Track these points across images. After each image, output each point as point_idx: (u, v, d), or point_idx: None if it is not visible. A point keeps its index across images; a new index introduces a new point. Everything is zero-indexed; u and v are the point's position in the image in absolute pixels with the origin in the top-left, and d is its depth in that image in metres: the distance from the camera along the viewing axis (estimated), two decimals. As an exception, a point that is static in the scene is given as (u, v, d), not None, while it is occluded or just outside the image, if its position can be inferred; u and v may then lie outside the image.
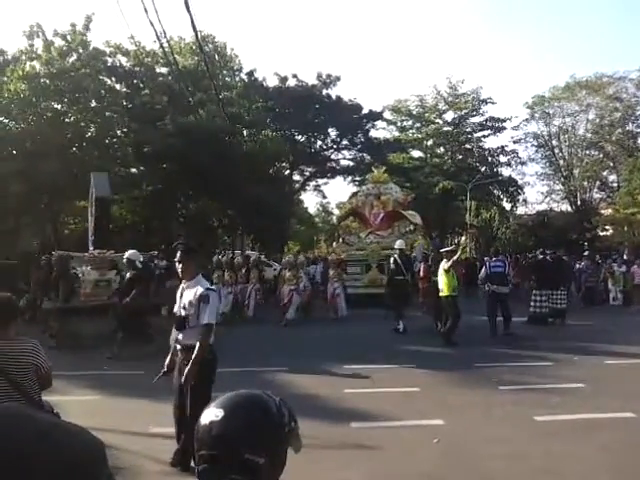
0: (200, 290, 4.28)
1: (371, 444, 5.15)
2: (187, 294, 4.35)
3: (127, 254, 10.16)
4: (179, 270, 4.46)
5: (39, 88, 18.71)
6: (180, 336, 4.41)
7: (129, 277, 9.90)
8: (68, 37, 20.26)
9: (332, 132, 36.65)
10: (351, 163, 38.50)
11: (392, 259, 12.61)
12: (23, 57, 19.54)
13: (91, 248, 13.12)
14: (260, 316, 14.01)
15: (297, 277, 13.96)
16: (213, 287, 4.68)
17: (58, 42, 20.28)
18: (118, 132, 20.98)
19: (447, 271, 10.45)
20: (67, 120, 19.58)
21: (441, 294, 10.60)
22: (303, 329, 12.70)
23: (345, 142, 37.45)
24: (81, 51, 20.39)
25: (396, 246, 12.94)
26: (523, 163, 42.41)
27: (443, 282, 10.52)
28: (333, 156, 39.07)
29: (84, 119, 19.96)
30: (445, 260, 10.62)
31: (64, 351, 9.22)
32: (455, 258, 10.58)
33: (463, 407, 6.34)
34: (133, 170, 22.90)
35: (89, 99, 19.23)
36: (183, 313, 4.37)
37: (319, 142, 37.68)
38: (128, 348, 9.17)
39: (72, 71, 19.27)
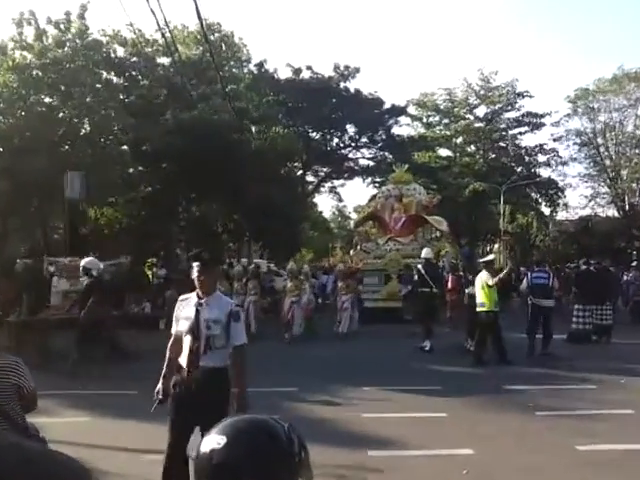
0: (229, 306, 4.15)
1: (391, 475, 5.11)
2: (208, 311, 4.09)
3: (83, 262, 10.28)
4: (197, 283, 4.17)
5: (30, 80, 19.00)
6: (204, 360, 4.09)
7: (84, 287, 10.09)
8: (62, 26, 20.58)
9: (350, 129, 36.79)
10: (371, 163, 38.56)
11: (417, 269, 12.59)
12: (11, 46, 19.87)
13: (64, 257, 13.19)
14: (262, 331, 13.88)
15: (300, 288, 13.94)
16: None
17: (51, 31, 20.63)
18: (115, 129, 21.18)
19: (490, 286, 10.46)
20: (59, 115, 19.84)
21: (480, 309, 10.61)
22: (312, 346, 12.71)
23: (364, 140, 37.54)
24: (78, 41, 20.70)
25: (422, 255, 13.05)
26: (564, 163, 42.08)
27: (484, 296, 10.55)
28: (351, 155, 39.17)
29: (78, 115, 20.22)
30: (486, 272, 10.68)
31: (49, 369, 9.31)
32: (502, 276, 10.85)
33: (494, 435, 6.28)
34: (130, 170, 23.11)
35: (85, 94, 19.45)
36: (205, 332, 4.08)
37: (335, 140, 37.82)
38: (99, 365, 9.20)
39: (67, 62, 19.54)
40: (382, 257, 18.07)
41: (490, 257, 12.36)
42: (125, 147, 21.94)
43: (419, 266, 12.71)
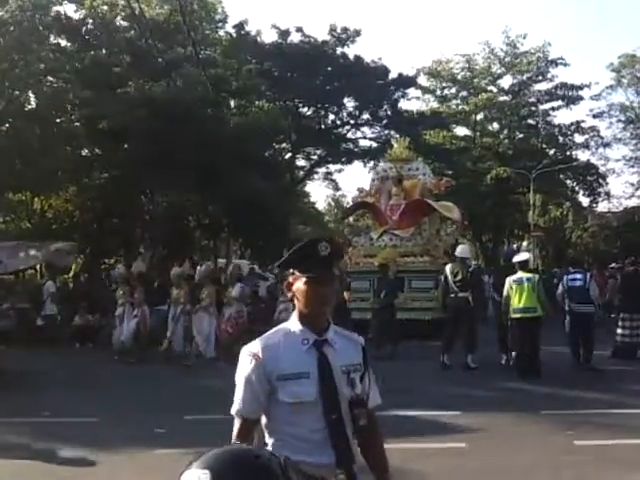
0: (359, 343, 2.83)
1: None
2: (342, 355, 2.67)
3: None
4: (308, 304, 2.65)
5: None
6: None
7: None
8: None
9: (349, 103, 36.68)
10: (374, 144, 38.49)
11: (447, 269, 12.60)
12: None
13: None
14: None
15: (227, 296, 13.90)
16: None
17: None
18: (66, 103, 21.12)
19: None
20: (1, 87, 19.76)
21: (514, 316, 11.04)
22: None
23: (366, 116, 37.47)
24: (20, -1, 20.63)
25: (457, 253, 13.09)
26: (606, 145, 42.25)
27: (535, 300, 11.03)
28: (350, 134, 39.10)
29: (23, 87, 20.16)
30: (521, 272, 11.16)
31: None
32: None
33: (525, 469, 6.29)
34: (84, 152, 23.05)
35: (31, 62, 19.37)
36: (348, 393, 2.67)
37: (331, 116, 37.74)
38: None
39: (11, 24, 19.45)
40: (374, 256, 17.36)
41: (524, 256, 12.54)
42: (78, 124, 21.87)
43: (447, 267, 12.77)
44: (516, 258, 12.17)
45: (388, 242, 18.10)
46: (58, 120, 21.33)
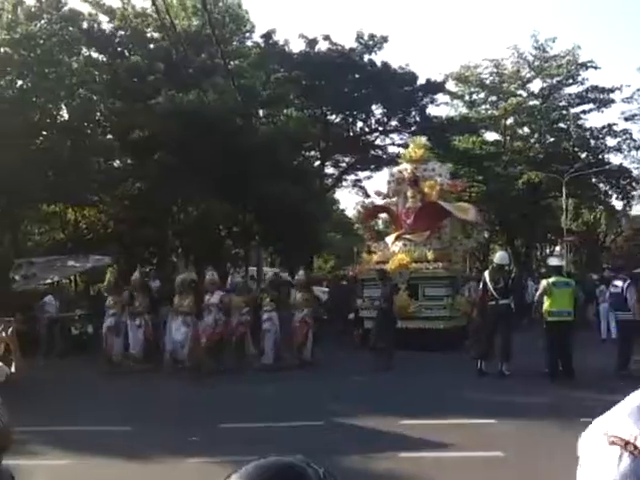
0: None
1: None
2: None
3: None
4: None
5: (-2, 59, 19.28)
6: None
7: None
8: None
9: (377, 110, 36.64)
10: (402, 150, 38.32)
11: (486, 275, 12.52)
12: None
13: None
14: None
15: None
16: None
17: (29, 1, 21.02)
18: (98, 115, 21.42)
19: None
20: (33, 100, 20.08)
21: (550, 319, 11.32)
22: (332, 375, 12.70)
23: (394, 122, 37.39)
24: (52, 12, 20.99)
25: (495, 260, 13.11)
26: (639, 147, 41.55)
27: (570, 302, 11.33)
28: (378, 141, 39.04)
29: (54, 99, 20.47)
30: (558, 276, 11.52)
31: (25, 399, 9.38)
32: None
33: (564, 479, 6.15)
34: (116, 163, 23.31)
35: (63, 74, 19.67)
36: None
37: (359, 123, 37.71)
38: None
39: (41, 38, 19.79)
40: (386, 261, 16.96)
41: (559, 261, 12.56)
42: (110, 136, 22.15)
43: (485, 273, 12.73)
44: (553, 263, 12.18)
45: (402, 247, 17.48)
46: (90, 132, 21.60)
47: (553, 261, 12.56)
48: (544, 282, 11.50)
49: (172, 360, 13.35)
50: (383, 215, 21.84)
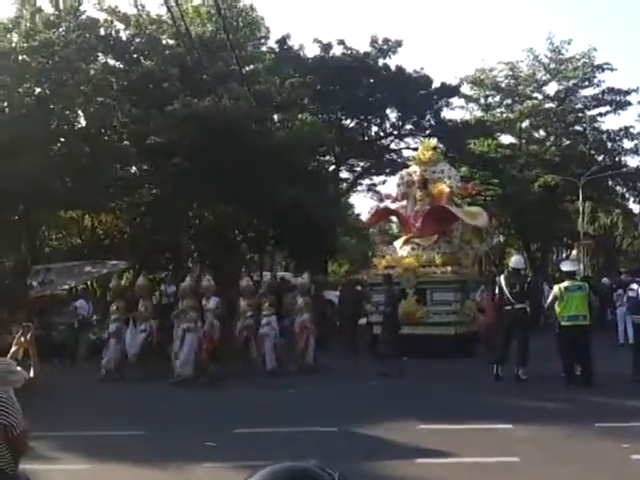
0: None
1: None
2: None
3: None
4: None
5: (16, 67, 19.48)
6: None
7: None
8: (60, 2, 21.15)
9: (392, 114, 36.62)
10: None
11: (501, 279, 12.50)
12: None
13: None
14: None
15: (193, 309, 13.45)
16: None
17: (47, 9, 21.29)
18: (114, 121, 21.58)
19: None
20: (51, 107, 20.27)
21: (564, 323, 11.27)
22: (346, 381, 12.66)
23: (409, 126, 37.34)
24: (70, 20, 21.22)
25: (511, 264, 13.08)
26: (657, 150, 41.20)
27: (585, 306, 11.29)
28: (393, 145, 39.00)
29: (72, 106, 20.66)
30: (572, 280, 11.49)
31: (42, 404, 9.47)
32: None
33: (581, 484, 6.12)
34: (133, 169, 23.44)
35: (81, 81, 19.84)
36: None
37: (374, 127, 37.70)
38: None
39: (59, 45, 19.99)
40: (395, 265, 16.80)
41: (574, 266, 12.55)
42: (127, 142, 22.30)
43: (501, 277, 12.70)
44: (565, 267, 12.14)
45: (410, 251, 17.23)
46: (107, 138, 21.76)
47: (566, 265, 12.50)
48: (556, 288, 11.48)
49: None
50: (394, 218, 21.69)
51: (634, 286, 11.90)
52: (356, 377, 12.84)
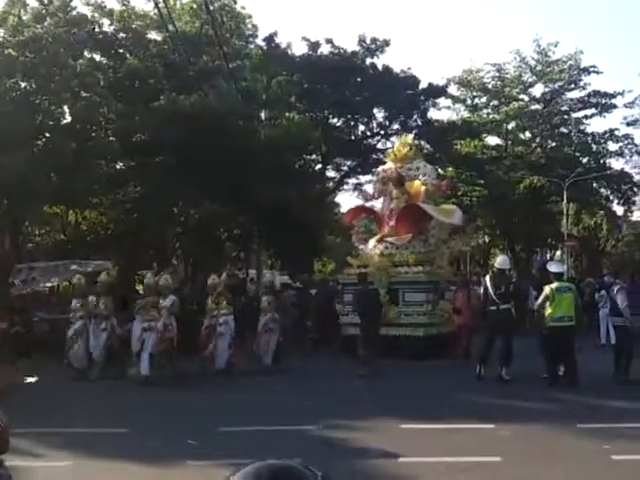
0: None
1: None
2: None
3: None
4: None
5: (2, 61, 19.32)
6: None
7: None
8: None
9: (379, 113, 36.67)
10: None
11: (487, 280, 12.55)
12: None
13: None
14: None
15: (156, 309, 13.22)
16: None
17: (32, 3, 21.11)
18: (100, 118, 21.46)
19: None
20: (37, 102, 20.11)
21: (552, 324, 11.37)
22: (319, 379, 12.74)
23: (396, 126, 37.41)
24: (60, 15, 21.07)
25: (496, 264, 13.12)
26: (641, 152, 41.55)
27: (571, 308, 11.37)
28: (380, 145, 39.01)
29: (58, 101, 20.52)
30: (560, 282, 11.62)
31: (22, 400, 9.44)
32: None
33: (561, 483, 6.18)
34: (118, 165, 23.32)
35: (68, 77, 19.71)
36: None
37: (361, 127, 37.75)
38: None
39: (47, 40, 19.84)
40: (367, 265, 16.39)
41: (561, 268, 12.66)
42: (112, 138, 22.19)
43: (486, 278, 12.75)
44: (554, 269, 12.17)
45: (383, 250, 16.81)
46: (93, 134, 21.64)
47: (553, 267, 12.54)
48: (547, 288, 11.47)
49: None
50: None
51: (615, 288, 12.01)
52: (331, 377, 12.84)
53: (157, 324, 12.70)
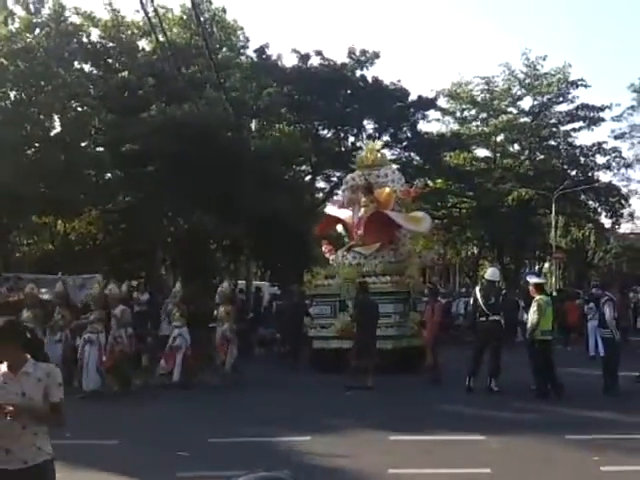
0: None
1: None
2: None
3: None
4: None
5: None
6: None
7: None
8: (32, 6, 20.97)
9: (368, 125, 36.80)
10: (394, 165, 38.56)
11: (476, 291, 12.55)
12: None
13: None
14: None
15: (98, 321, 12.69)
16: None
17: (19, 12, 21.08)
18: (90, 128, 21.45)
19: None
20: (26, 112, 20.07)
21: (542, 337, 11.29)
22: (313, 387, 12.68)
23: (386, 138, 37.42)
24: (52, 25, 21.06)
25: (487, 276, 12.96)
26: (628, 165, 41.89)
27: (547, 322, 11.26)
28: (370, 156, 39.18)
29: (48, 112, 20.50)
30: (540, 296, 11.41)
31: None
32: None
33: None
34: (108, 176, 23.28)
35: (59, 87, 19.69)
36: None
37: (351, 138, 37.85)
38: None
39: (38, 51, 19.82)
40: (334, 277, 15.93)
41: (539, 280, 12.55)
42: (101, 149, 22.17)
43: (476, 289, 12.75)
44: (535, 280, 12.17)
45: (352, 260, 16.31)
46: (82, 144, 21.61)
47: (534, 278, 12.55)
48: (540, 301, 11.41)
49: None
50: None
51: (603, 300, 12.05)
52: (310, 389, 12.69)
53: (99, 337, 12.14)
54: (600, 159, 41.45)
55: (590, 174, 40.72)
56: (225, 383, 12.91)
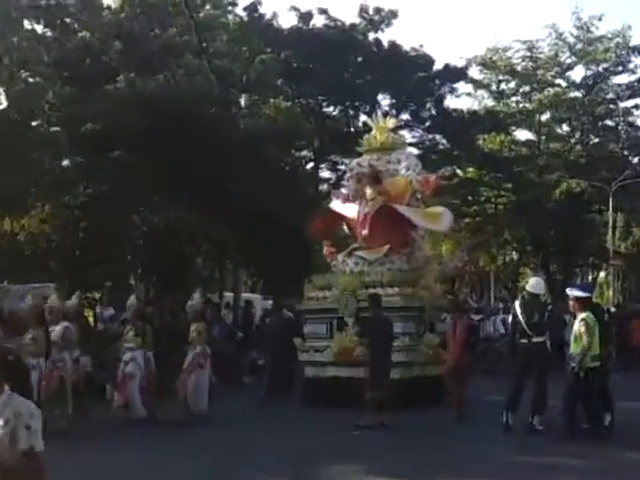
0: None
1: None
2: None
3: None
4: None
5: None
6: None
7: None
8: None
9: (384, 100, 36.91)
10: (415, 150, 38.64)
11: (516, 306, 12.44)
12: None
13: None
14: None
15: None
16: None
17: None
18: (42, 103, 21.51)
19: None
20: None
21: (592, 365, 11.01)
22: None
23: (405, 117, 37.61)
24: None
25: (530, 288, 12.70)
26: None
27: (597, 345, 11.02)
28: (385, 139, 39.25)
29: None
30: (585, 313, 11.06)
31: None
32: None
33: None
34: (65, 162, 23.35)
35: (5, 53, 19.76)
36: None
37: (362, 117, 37.92)
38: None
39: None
40: (330, 288, 15.45)
41: (583, 293, 12.19)
42: (57, 128, 22.22)
43: (515, 304, 12.60)
44: (579, 293, 11.85)
45: (353, 267, 15.74)
46: (33, 123, 21.69)
47: (578, 291, 12.25)
48: (588, 319, 11.17)
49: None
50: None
51: None
52: (314, 429, 12.59)
53: (39, 362, 11.29)
54: (669, 143, 41.54)
55: (656, 162, 40.82)
56: (190, 418, 12.71)
